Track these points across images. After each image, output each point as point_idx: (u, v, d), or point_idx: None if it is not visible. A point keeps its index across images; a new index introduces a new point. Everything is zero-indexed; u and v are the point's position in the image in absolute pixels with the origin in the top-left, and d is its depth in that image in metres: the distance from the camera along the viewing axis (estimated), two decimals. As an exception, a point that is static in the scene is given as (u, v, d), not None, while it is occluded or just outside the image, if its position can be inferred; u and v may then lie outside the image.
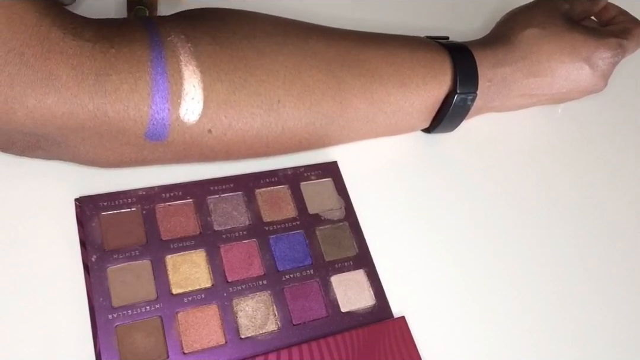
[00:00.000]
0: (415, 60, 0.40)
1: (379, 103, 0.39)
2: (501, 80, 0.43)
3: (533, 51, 0.43)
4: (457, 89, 0.40)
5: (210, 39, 0.34)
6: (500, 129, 0.47)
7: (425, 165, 0.43)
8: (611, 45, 0.44)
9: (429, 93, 0.40)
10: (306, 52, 0.37)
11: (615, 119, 0.51)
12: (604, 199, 0.46)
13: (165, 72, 0.32)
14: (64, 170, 0.36)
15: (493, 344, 0.37)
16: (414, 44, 0.41)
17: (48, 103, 0.30)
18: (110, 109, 0.31)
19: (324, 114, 0.37)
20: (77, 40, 0.30)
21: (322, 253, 0.37)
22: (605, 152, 0.49)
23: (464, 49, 0.42)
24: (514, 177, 0.45)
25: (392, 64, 0.39)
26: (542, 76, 0.44)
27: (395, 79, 0.39)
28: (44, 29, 0.30)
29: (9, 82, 0.29)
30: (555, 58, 0.43)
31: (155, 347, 0.32)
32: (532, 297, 0.39)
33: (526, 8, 0.46)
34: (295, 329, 0.34)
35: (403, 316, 0.36)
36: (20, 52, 0.29)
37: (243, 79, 0.34)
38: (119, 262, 0.34)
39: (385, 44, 0.40)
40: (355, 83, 0.38)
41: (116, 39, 0.31)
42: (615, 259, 0.42)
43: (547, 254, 0.41)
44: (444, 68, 0.41)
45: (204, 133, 0.34)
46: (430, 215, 0.41)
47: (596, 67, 0.45)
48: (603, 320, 0.39)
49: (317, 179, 0.40)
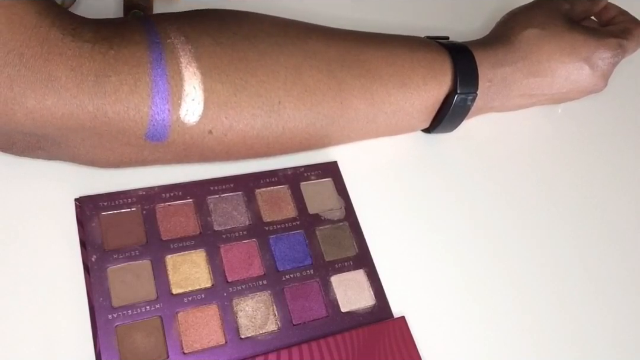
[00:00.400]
0: (415, 61, 0.40)
1: (380, 103, 0.39)
2: (501, 80, 0.43)
3: (533, 51, 0.43)
4: (457, 89, 0.40)
5: (211, 39, 0.34)
6: (500, 129, 0.47)
7: (425, 165, 0.43)
8: (611, 45, 0.44)
9: (429, 93, 0.40)
10: (306, 53, 0.37)
11: (616, 119, 0.51)
12: (604, 199, 0.46)
13: (166, 74, 0.32)
14: (64, 170, 0.36)
15: (493, 344, 0.37)
16: (414, 44, 0.41)
17: (47, 104, 0.30)
18: (110, 109, 0.31)
19: (324, 115, 0.37)
20: (77, 41, 0.30)
21: (322, 253, 0.37)
22: (605, 152, 0.49)
23: (464, 49, 0.42)
24: (514, 177, 0.45)
25: (392, 64, 0.39)
26: (542, 76, 0.44)
27: (395, 79, 0.39)
28: (43, 30, 0.30)
29: (9, 83, 0.29)
30: (555, 58, 0.43)
31: (155, 347, 0.32)
32: (532, 297, 0.39)
33: (526, 8, 0.46)
34: (295, 329, 0.34)
35: (403, 316, 0.36)
36: (20, 53, 0.29)
37: (244, 80, 0.34)
38: (119, 262, 0.34)
39: (385, 44, 0.40)
40: (355, 83, 0.38)
41: (115, 40, 0.31)
42: (616, 259, 0.42)
43: (547, 253, 0.41)
44: (444, 68, 0.41)
45: (205, 134, 0.34)
46: (430, 215, 0.41)
47: (596, 67, 0.45)
48: (603, 320, 0.39)
49: (317, 179, 0.40)
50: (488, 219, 0.42)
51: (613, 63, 0.45)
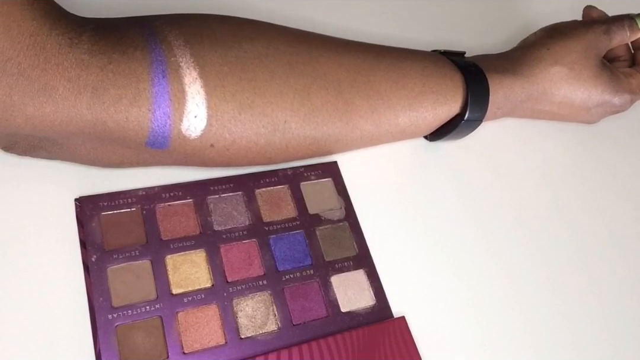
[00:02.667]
0: (427, 85, 0.39)
1: (386, 125, 0.39)
2: (510, 108, 0.43)
3: (552, 88, 0.43)
4: (465, 116, 0.40)
5: (219, 59, 0.33)
6: (501, 132, 0.47)
7: (425, 165, 0.43)
8: (624, 100, 0.45)
9: (437, 117, 0.40)
10: (317, 72, 0.36)
11: (622, 125, 0.51)
12: (608, 205, 0.45)
13: (168, 91, 0.32)
14: (64, 170, 0.36)
15: (493, 344, 0.37)
16: (428, 65, 0.40)
17: (46, 112, 0.30)
18: (110, 120, 0.31)
19: (329, 134, 0.37)
20: (74, 51, 0.30)
21: (322, 253, 0.37)
22: (612, 159, 0.48)
23: (480, 74, 0.41)
24: (514, 177, 0.45)
25: (403, 88, 0.39)
26: (549, 108, 0.45)
27: (404, 103, 0.39)
28: (40, 38, 0.29)
29: (8, 91, 0.29)
30: (567, 99, 0.44)
31: (155, 347, 0.32)
32: (532, 298, 0.39)
33: (566, 36, 0.44)
34: (295, 329, 0.34)
35: (403, 316, 0.36)
36: (18, 62, 0.28)
37: (250, 100, 0.34)
38: (119, 262, 0.34)
39: (397, 65, 0.39)
40: (363, 104, 0.38)
41: (115, 55, 0.31)
42: (621, 269, 0.42)
43: (547, 254, 0.41)
44: (456, 95, 0.40)
45: (206, 146, 0.34)
46: (430, 215, 0.41)
47: (599, 112, 0.46)
48: (605, 327, 0.39)
49: (317, 179, 0.40)
50: (488, 219, 0.42)
51: (616, 112, 0.46)
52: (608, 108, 0.46)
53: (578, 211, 0.44)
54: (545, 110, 0.45)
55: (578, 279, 0.41)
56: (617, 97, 0.45)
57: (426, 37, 0.49)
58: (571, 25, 0.45)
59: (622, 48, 0.48)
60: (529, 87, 0.43)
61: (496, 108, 0.42)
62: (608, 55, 0.48)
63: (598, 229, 0.44)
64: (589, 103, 0.44)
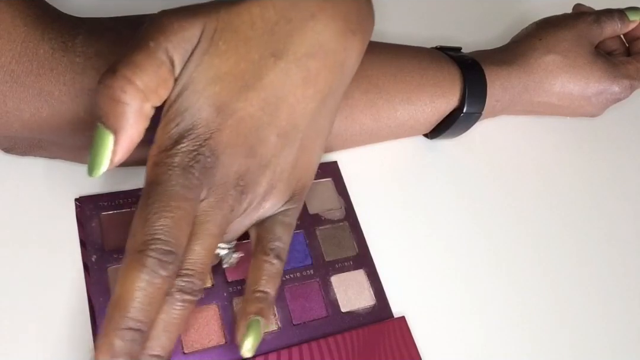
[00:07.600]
0: (424, 78, 0.40)
1: (385, 119, 0.39)
2: (509, 100, 0.43)
3: (549, 77, 0.43)
4: (464, 109, 0.40)
5: None
6: (501, 131, 0.47)
7: (425, 164, 0.43)
8: (623, 85, 0.45)
9: (435, 110, 0.41)
10: None
11: (622, 124, 0.51)
12: (608, 203, 0.45)
13: None
14: (64, 170, 0.36)
15: (493, 344, 0.37)
16: (425, 59, 0.41)
17: (43, 116, 0.30)
18: None
19: None
20: (68, 55, 0.29)
21: (322, 253, 0.37)
22: (612, 157, 0.48)
23: (476, 66, 0.41)
24: (514, 177, 0.45)
25: (401, 81, 0.39)
26: (549, 100, 0.44)
27: (403, 96, 0.39)
28: (33, 45, 0.29)
29: (2, 99, 0.29)
30: (566, 87, 0.44)
31: (155, 347, 0.32)
32: (532, 298, 0.39)
33: (557, 27, 0.45)
34: (295, 329, 0.34)
35: (403, 316, 0.36)
36: (11, 70, 0.28)
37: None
38: (119, 262, 0.33)
39: (395, 59, 0.39)
40: (362, 99, 0.38)
41: (110, 57, 0.30)
42: (623, 268, 0.42)
43: (548, 253, 0.41)
44: (454, 88, 0.41)
45: None
46: (431, 215, 0.41)
47: (600, 101, 0.45)
48: (605, 326, 0.39)
49: (317, 178, 0.40)
50: (488, 218, 0.42)
51: (617, 100, 0.46)
52: (609, 96, 0.45)
53: (578, 209, 0.44)
54: (544, 102, 0.45)
55: (579, 278, 0.41)
56: (616, 84, 0.44)
57: (422, 33, 0.49)
58: (562, 16, 0.46)
59: (616, 41, 0.48)
60: (526, 77, 0.43)
61: (495, 100, 0.42)
62: (602, 48, 0.48)
63: (599, 228, 0.44)
64: (587, 91, 0.44)
